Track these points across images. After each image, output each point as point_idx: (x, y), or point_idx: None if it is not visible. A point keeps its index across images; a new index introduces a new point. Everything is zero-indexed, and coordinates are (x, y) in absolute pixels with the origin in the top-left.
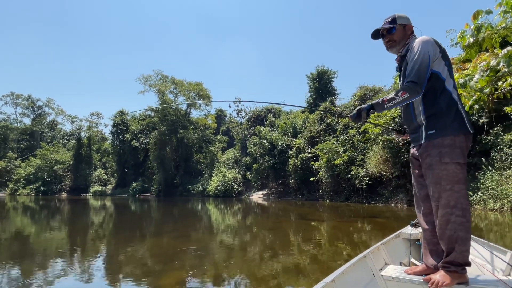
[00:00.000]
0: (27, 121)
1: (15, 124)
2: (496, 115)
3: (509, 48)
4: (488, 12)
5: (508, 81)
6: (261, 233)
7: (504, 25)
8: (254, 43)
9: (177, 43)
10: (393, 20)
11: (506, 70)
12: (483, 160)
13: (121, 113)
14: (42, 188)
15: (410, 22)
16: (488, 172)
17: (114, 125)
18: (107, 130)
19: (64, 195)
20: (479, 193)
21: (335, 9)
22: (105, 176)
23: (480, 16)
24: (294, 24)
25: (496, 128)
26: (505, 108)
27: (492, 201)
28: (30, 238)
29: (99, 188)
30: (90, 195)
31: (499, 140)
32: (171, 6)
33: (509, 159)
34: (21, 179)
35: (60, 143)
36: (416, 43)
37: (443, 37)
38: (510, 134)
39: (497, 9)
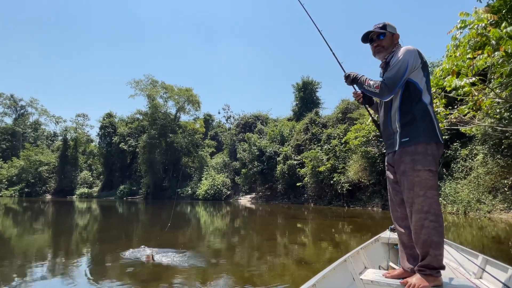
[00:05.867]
0: (9, 120)
1: None
2: (455, 133)
3: (442, 93)
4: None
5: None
6: (255, 232)
7: (439, 75)
8: (246, 50)
9: (167, 45)
10: (384, 27)
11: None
12: (444, 170)
13: (109, 115)
14: (26, 190)
15: (397, 32)
16: (448, 181)
17: (101, 127)
18: (93, 132)
19: (48, 197)
20: (440, 198)
21: (320, 20)
22: (91, 178)
23: None
24: (282, 34)
25: (455, 144)
26: (460, 129)
27: (450, 205)
28: (11, 241)
29: (86, 190)
30: (76, 197)
31: (457, 154)
32: (162, 7)
33: (464, 170)
34: (4, 180)
35: (44, 144)
36: (401, 51)
37: None
38: (466, 149)
39: (448, 48)
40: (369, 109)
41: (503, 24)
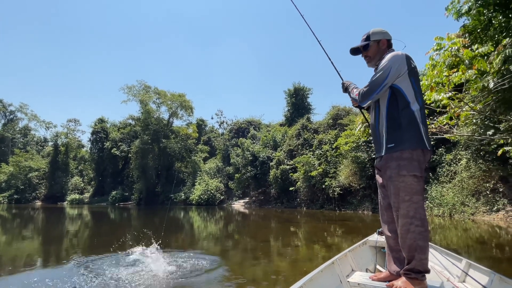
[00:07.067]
0: None
1: None
2: (440, 138)
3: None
4: None
5: None
6: (249, 236)
7: None
8: (239, 55)
9: (161, 49)
10: (368, 38)
11: None
12: (430, 175)
13: (101, 120)
14: (15, 196)
15: (385, 37)
16: (434, 185)
17: (93, 133)
18: (84, 137)
19: (38, 203)
20: (426, 202)
21: (314, 23)
22: (82, 184)
23: None
24: (275, 39)
25: (440, 149)
26: (444, 135)
27: (436, 208)
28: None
29: (77, 196)
30: (67, 204)
31: (442, 159)
32: (158, 10)
33: (449, 175)
34: None
35: (34, 150)
36: (386, 57)
37: None
38: (451, 154)
39: (427, 67)
40: (365, 113)
41: (475, 46)
